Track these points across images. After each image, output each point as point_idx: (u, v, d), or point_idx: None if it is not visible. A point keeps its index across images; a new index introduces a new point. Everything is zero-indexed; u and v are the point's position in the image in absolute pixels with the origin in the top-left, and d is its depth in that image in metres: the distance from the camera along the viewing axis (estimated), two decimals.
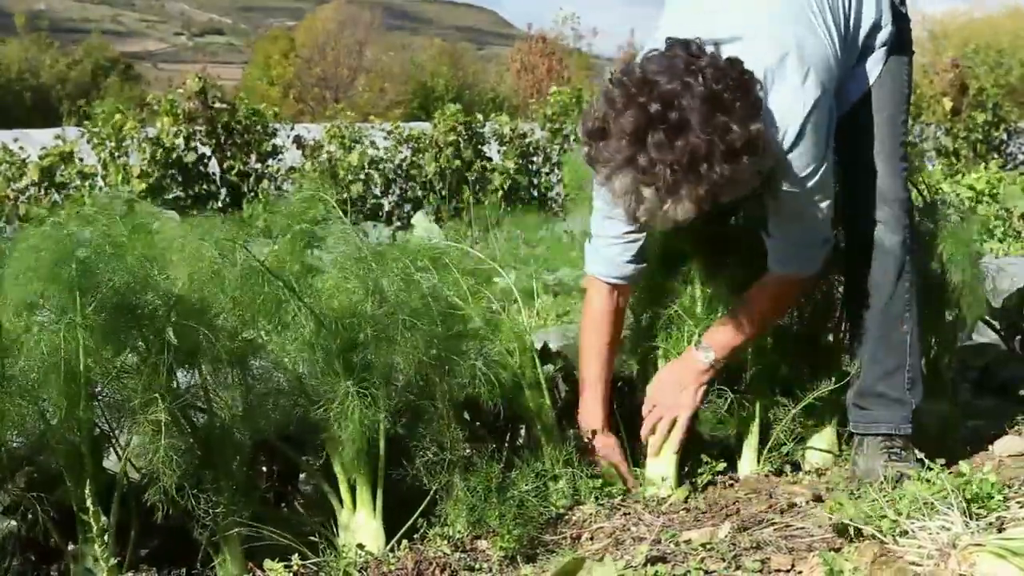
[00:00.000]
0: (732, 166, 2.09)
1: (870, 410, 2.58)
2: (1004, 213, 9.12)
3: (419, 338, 2.22)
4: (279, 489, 2.47)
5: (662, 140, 2.06)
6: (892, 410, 2.56)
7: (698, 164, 2.07)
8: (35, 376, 1.95)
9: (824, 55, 2.33)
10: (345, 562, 2.14)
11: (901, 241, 2.52)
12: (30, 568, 2.17)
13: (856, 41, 2.50)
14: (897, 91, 2.58)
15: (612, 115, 2.11)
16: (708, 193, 2.10)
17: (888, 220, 2.51)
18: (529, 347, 2.60)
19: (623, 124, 2.09)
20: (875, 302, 2.54)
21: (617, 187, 2.12)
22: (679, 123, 2.06)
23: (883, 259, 2.52)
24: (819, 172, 2.33)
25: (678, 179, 2.07)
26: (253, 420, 2.18)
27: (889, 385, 2.56)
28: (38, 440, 2.08)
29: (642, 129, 2.07)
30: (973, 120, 14.78)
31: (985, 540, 1.88)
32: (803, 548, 2.17)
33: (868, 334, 2.57)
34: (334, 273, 2.21)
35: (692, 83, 2.08)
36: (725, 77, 2.11)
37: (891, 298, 2.53)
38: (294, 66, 41.62)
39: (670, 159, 2.06)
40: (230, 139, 11.57)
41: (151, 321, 2.05)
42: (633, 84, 2.11)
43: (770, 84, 2.25)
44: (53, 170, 10.67)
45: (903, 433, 2.55)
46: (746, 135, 2.10)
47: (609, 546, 2.28)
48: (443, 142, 11.92)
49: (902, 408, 2.56)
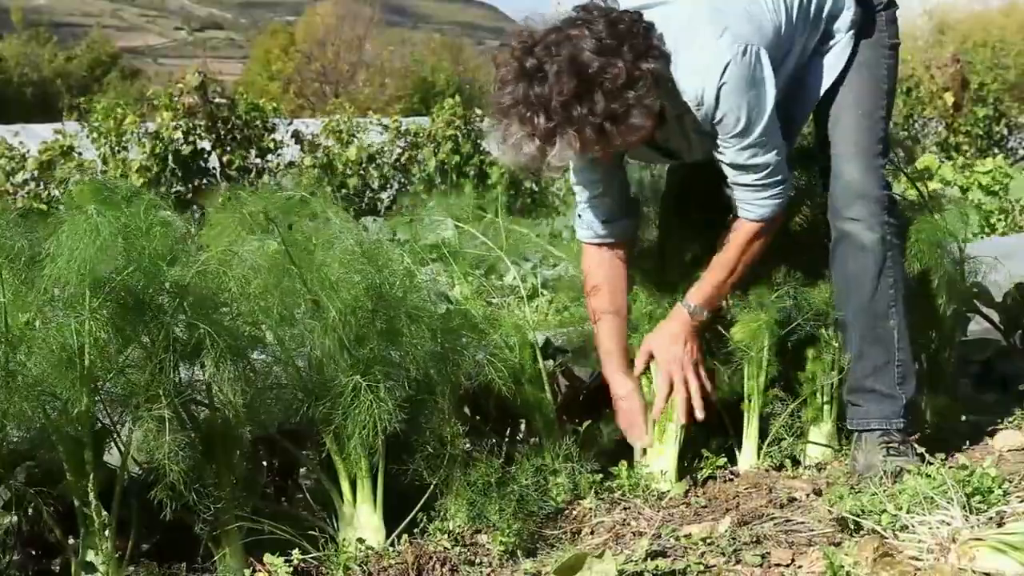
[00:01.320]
0: (610, 105, 2.16)
1: (862, 406, 2.59)
2: (1009, 205, 9.08)
3: (423, 331, 2.23)
4: (280, 483, 2.47)
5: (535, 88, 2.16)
6: (883, 405, 2.57)
7: (571, 107, 2.15)
8: (41, 371, 1.94)
9: (749, 15, 2.37)
10: (345, 556, 2.14)
11: (880, 238, 2.53)
12: (31, 563, 2.17)
13: (819, 21, 2.52)
14: (875, 85, 2.60)
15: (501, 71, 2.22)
16: (593, 135, 2.17)
17: (865, 217, 2.52)
18: (530, 342, 2.60)
19: (503, 74, 2.21)
20: (858, 299, 2.56)
21: (503, 137, 2.21)
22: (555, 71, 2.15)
23: (862, 257, 2.53)
24: (757, 126, 2.36)
25: (553, 124, 2.15)
26: (254, 415, 2.18)
27: (879, 381, 2.57)
28: (39, 434, 2.08)
29: (519, 78, 2.18)
30: (974, 115, 14.78)
31: (985, 534, 1.88)
32: (803, 542, 2.17)
33: (854, 331, 2.59)
34: (336, 268, 2.21)
35: (574, 33, 2.18)
36: (614, 25, 2.20)
37: (873, 295, 2.54)
38: (294, 61, 41.52)
39: (545, 104, 2.15)
40: (230, 134, 11.55)
41: (157, 315, 2.04)
42: (520, 39, 2.22)
43: (684, 43, 2.30)
44: (53, 164, 10.66)
45: (896, 428, 2.56)
46: (626, 73, 2.17)
47: (609, 541, 2.28)
48: (441, 136, 11.91)
49: (893, 403, 2.57)
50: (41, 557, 2.19)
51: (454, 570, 2.13)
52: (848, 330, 2.60)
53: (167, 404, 2.01)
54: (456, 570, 2.13)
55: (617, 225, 2.63)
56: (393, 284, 2.26)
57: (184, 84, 11.32)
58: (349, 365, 2.18)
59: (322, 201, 2.44)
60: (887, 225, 2.54)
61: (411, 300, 2.27)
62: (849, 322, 2.59)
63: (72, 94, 30.71)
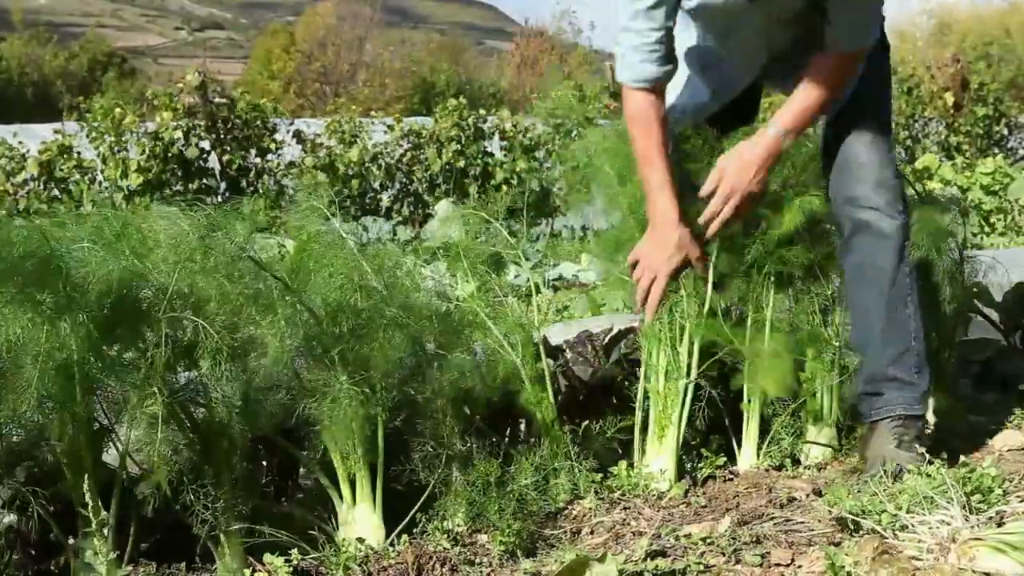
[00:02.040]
0: None
1: (883, 394, 2.58)
2: (1008, 206, 9.08)
3: (407, 333, 2.22)
4: (279, 484, 2.47)
5: None
6: (904, 392, 2.57)
7: None
8: (33, 372, 1.94)
9: None
10: (345, 556, 2.14)
11: (900, 225, 2.56)
12: (30, 562, 2.17)
13: None
14: (882, 83, 2.69)
15: None
16: None
17: (883, 206, 2.55)
18: (532, 341, 2.60)
19: None
20: (879, 287, 2.57)
21: None
22: None
23: (883, 244, 2.55)
24: None
25: None
26: (252, 415, 2.18)
27: (899, 368, 2.57)
28: (38, 434, 2.08)
29: None
30: (974, 115, 14.78)
31: (985, 534, 1.88)
32: (803, 542, 2.17)
33: (874, 319, 2.58)
34: (322, 271, 2.21)
35: None
36: None
37: (894, 282, 2.56)
38: (294, 61, 41.54)
39: None
40: (230, 134, 11.54)
41: (147, 316, 2.04)
42: None
43: None
44: (52, 164, 10.66)
45: (916, 414, 2.56)
46: None
47: (609, 540, 2.28)
48: (445, 137, 11.90)
49: (913, 390, 2.57)
50: (40, 557, 2.18)
51: (454, 570, 2.13)
52: (866, 319, 2.60)
53: (161, 403, 2.01)
54: (456, 570, 2.13)
55: (667, 71, 2.63)
56: (393, 284, 2.27)
57: (184, 84, 11.31)
58: (339, 364, 2.18)
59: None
60: (903, 215, 2.58)
61: (400, 298, 2.27)
62: (868, 310, 2.59)
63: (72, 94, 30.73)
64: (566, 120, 12.31)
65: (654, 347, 2.67)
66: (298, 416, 2.22)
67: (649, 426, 2.65)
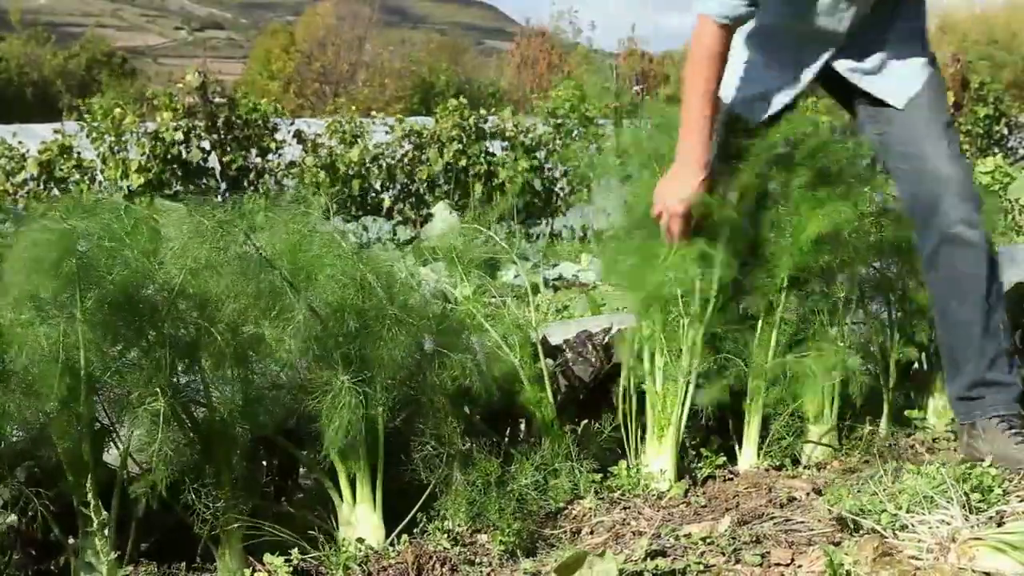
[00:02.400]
0: None
1: (985, 398, 2.62)
2: (1008, 205, 9.07)
3: (409, 332, 2.22)
4: (279, 483, 2.47)
5: None
6: (1004, 394, 2.62)
7: None
8: (35, 371, 1.94)
9: None
10: (345, 556, 2.14)
11: (985, 235, 2.60)
12: (31, 562, 2.17)
13: None
14: (944, 94, 2.77)
15: None
16: None
17: (971, 218, 2.58)
18: (530, 341, 2.60)
19: None
20: (976, 297, 2.60)
21: None
22: None
23: (975, 255, 2.58)
24: None
25: None
26: (253, 414, 2.18)
27: (997, 371, 2.63)
28: (39, 434, 2.08)
29: None
30: (975, 114, 14.78)
31: (985, 534, 1.88)
32: (803, 542, 2.17)
33: (974, 329, 2.62)
34: (323, 270, 2.21)
35: None
36: None
37: (989, 290, 2.60)
38: (294, 61, 41.53)
39: None
40: (230, 134, 11.54)
41: (151, 315, 2.04)
42: None
43: None
44: (52, 164, 10.65)
45: (1018, 413, 2.60)
46: None
47: (609, 540, 2.28)
48: (446, 137, 11.89)
49: (1011, 391, 2.63)
50: (40, 556, 2.18)
51: (454, 570, 2.13)
52: (967, 329, 2.63)
53: (163, 403, 2.01)
54: (456, 569, 2.13)
55: (749, 11, 2.63)
56: (392, 285, 2.27)
57: (184, 84, 11.30)
58: (341, 364, 2.18)
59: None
60: (983, 224, 2.61)
61: (399, 299, 2.27)
62: (969, 322, 2.62)
63: (72, 94, 30.72)
64: (566, 120, 12.32)
65: (654, 348, 2.66)
66: (298, 416, 2.22)
67: (648, 426, 2.65)
